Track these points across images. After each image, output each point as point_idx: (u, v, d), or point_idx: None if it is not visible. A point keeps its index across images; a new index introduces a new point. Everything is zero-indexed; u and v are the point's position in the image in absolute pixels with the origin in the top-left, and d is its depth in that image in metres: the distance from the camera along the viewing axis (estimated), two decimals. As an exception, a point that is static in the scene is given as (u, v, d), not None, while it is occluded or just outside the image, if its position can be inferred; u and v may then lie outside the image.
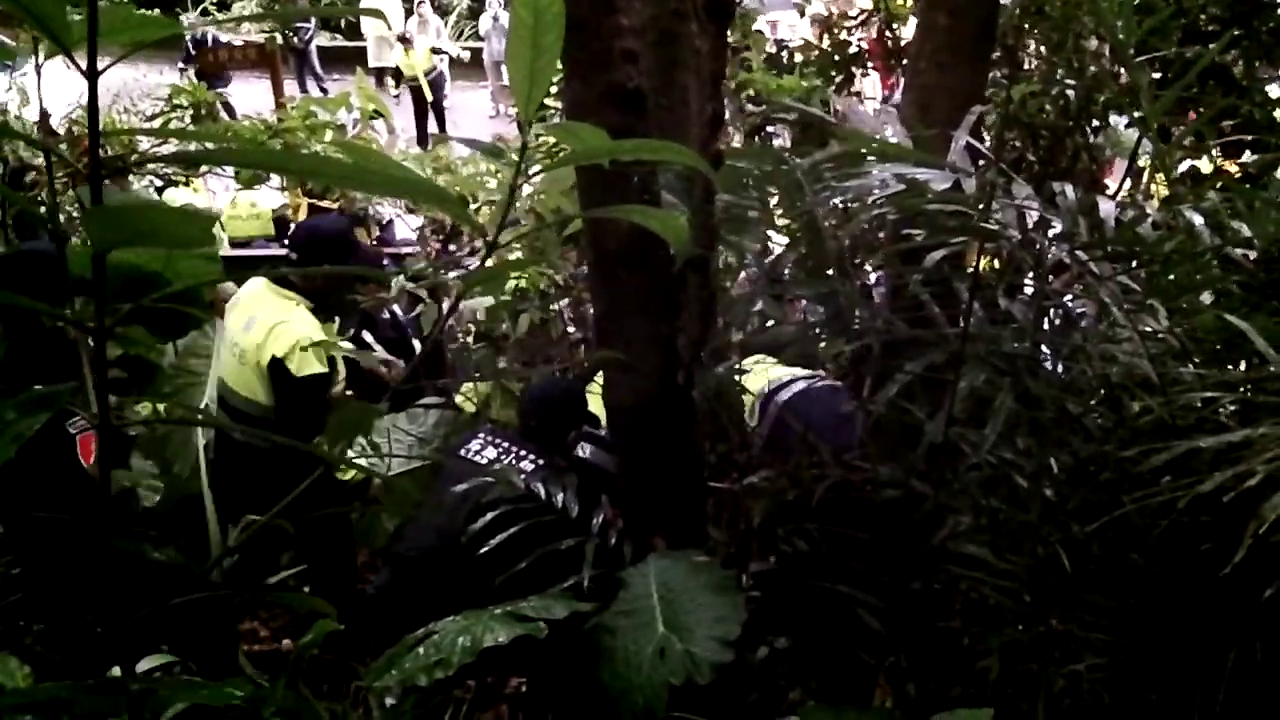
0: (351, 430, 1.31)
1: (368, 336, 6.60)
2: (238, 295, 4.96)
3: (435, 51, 17.40)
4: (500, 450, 4.01)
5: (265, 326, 4.69)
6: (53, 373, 3.77)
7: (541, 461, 3.91)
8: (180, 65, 15.52)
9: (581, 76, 3.33)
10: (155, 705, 1.24)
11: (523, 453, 3.98)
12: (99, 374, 1.11)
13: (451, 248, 7.88)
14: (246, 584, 3.47)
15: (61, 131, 7.71)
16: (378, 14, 1.35)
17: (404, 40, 17.40)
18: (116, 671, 1.54)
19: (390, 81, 19.17)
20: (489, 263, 1.60)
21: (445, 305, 6.43)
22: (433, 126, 17.28)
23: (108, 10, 1.01)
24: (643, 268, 3.49)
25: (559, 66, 3.48)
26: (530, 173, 1.45)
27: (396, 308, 6.78)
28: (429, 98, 17.15)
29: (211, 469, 4.86)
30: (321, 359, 4.62)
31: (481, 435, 4.14)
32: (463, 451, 4.07)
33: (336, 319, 5.01)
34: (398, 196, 5.10)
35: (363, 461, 4.71)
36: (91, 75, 0.97)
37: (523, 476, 3.72)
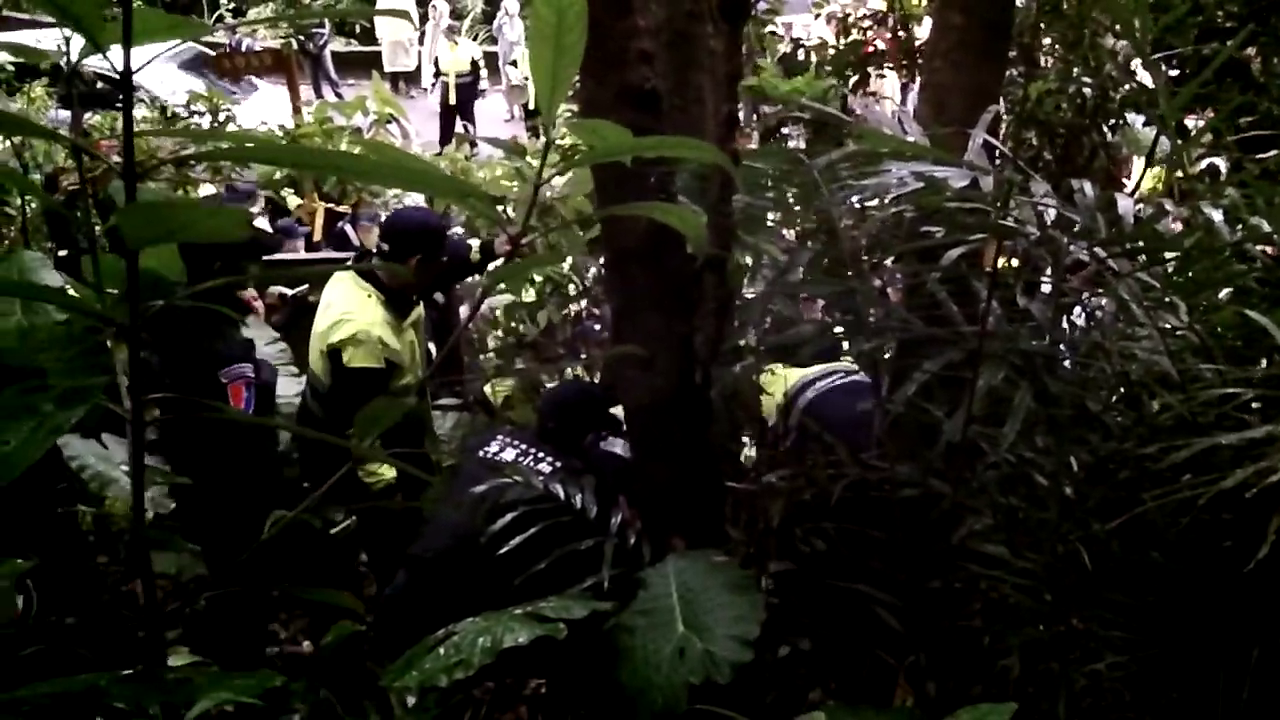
0: (379, 423, 1.32)
1: None
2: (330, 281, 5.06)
3: (474, 63, 17.32)
4: (518, 451, 4.02)
5: (333, 315, 4.77)
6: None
7: (559, 464, 3.92)
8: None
9: (597, 77, 3.34)
10: (187, 695, 1.24)
11: (540, 454, 3.98)
12: (134, 372, 1.11)
13: None
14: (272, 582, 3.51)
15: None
16: (402, 14, 1.36)
17: (451, 33, 17.37)
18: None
19: (404, 85, 19.22)
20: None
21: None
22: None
23: (138, 12, 1.02)
24: (658, 267, 3.49)
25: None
26: (550, 174, 1.46)
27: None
28: (452, 100, 17.01)
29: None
30: (377, 356, 4.68)
31: (500, 436, 4.15)
32: (481, 453, 4.08)
33: (415, 312, 5.03)
34: (418, 191, 5.12)
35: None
36: (126, 75, 0.98)
37: (540, 478, 3.73)
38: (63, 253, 6.01)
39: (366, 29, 21.58)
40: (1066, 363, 3.17)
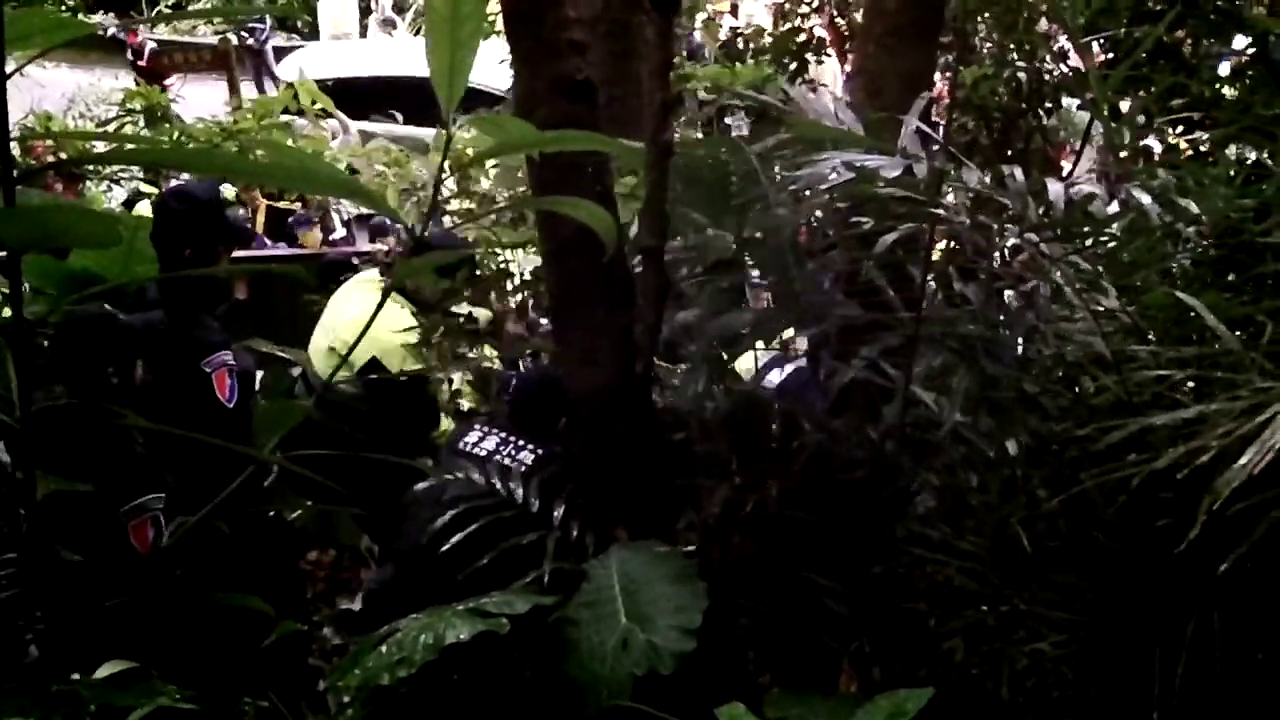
0: (275, 427, 1.31)
1: None
2: (347, 285, 5.11)
3: None
4: (498, 440, 4.01)
5: (362, 324, 4.80)
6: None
7: (541, 451, 3.91)
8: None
9: (531, 68, 3.33)
10: (73, 708, 1.23)
11: (520, 443, 3.97)
12: (21, 374, 1.09)
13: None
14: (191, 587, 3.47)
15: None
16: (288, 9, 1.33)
17: (389, 24, 17.27)
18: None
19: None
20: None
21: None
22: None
23: (19, 14, 1.00)
24: (597, 257, 3.48)
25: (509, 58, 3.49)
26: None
27: None
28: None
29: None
30: (421, 360, 4.86)
31: (478, 427, 4.12)
32: (460, 444, 4.05)
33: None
34: (314, 193, 5.27)
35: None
36: (0, 78, 0.96)
37: (524, 469, 3.73)
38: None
39: (310, 23, 21.35)
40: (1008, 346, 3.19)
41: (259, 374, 4.74)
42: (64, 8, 15.38)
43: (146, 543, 3.67)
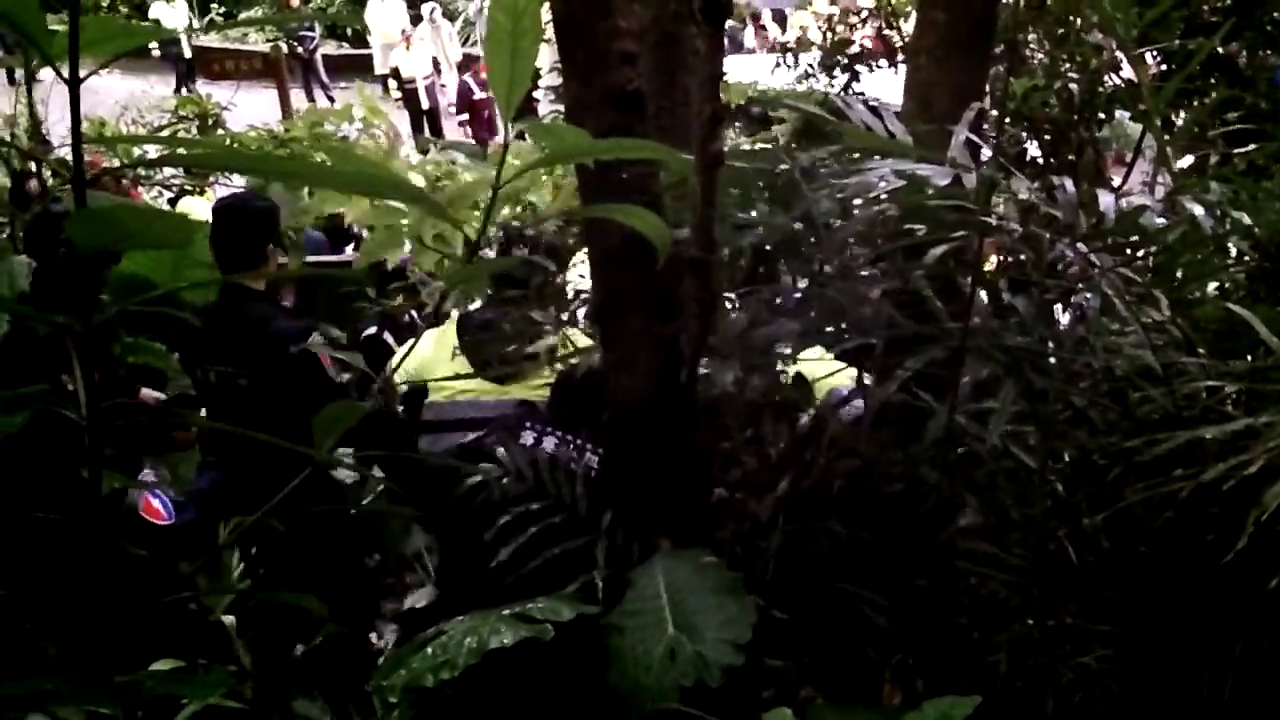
0: (336, 427, 1.32)
1: (388, 337, 6.71)
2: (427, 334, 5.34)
3: (435, 62, 17.38)
4: (558, 440, 4.00)
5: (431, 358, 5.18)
6: None
7: (603, 454, 3.91)
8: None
9: (580, 78, 3.34)
10: (136, 698, 1.25)
11: (580, 443, 3.97)
12: (87, 375, 1.12)
13: None
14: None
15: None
16: (346, 20, 1.35)
17: (404, 37, 17.42)
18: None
19: (393, 85, 19.18)
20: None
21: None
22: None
23: (92, 20, 1.02)
24: (643, 266, 3.49)
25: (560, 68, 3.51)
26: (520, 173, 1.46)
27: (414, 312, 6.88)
28: (425, 104, 17.10)
29: None
30: None
31: (529, 428, 4.11)
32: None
33: None
34: (376, 198, 5.37)
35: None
36: (73, 83, 0.99)
37: (593, 473, 3.78)
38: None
39: (358, 32, 21.53)
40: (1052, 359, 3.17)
41: None
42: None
43: (157, 513, 3.73)
